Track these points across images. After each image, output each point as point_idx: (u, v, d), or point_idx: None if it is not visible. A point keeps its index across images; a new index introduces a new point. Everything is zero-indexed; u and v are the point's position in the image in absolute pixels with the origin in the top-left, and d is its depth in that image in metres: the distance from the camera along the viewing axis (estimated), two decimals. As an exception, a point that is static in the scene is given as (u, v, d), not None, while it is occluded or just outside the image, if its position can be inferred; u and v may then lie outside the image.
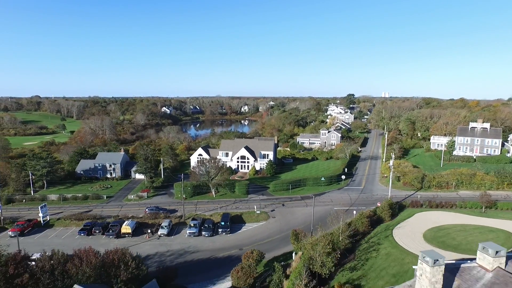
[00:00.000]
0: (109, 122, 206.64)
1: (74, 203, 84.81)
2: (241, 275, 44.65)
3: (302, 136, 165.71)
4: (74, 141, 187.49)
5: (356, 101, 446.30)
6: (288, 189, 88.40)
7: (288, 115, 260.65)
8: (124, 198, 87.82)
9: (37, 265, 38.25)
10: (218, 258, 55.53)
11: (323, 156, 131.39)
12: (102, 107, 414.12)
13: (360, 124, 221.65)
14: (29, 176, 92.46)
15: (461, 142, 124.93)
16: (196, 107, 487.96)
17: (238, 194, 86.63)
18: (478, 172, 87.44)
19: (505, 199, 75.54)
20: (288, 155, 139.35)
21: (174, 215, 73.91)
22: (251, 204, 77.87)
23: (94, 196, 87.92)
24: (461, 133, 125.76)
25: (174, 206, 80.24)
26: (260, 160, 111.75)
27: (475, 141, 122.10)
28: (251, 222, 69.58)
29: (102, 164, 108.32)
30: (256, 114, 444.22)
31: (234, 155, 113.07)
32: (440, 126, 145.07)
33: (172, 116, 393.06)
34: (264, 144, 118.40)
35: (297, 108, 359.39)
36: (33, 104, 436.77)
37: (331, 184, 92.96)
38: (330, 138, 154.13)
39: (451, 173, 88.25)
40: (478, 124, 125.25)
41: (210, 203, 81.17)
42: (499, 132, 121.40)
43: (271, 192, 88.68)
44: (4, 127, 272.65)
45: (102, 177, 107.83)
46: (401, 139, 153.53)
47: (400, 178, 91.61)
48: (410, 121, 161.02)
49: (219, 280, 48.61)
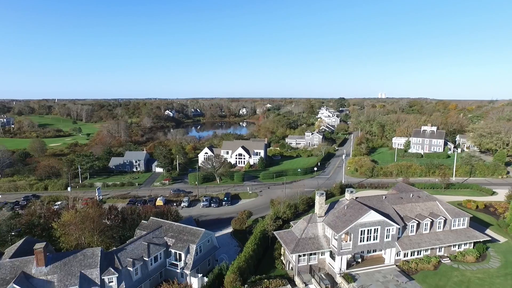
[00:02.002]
0: (124, 125, 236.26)
1: (114, 188, 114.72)
2: (237, 223, 74.94)
3: (290, 138, 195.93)
4: (94, 143, 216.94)
5: (347, 104, 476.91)
6: (273, 177, 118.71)
7: (281, 119, 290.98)
8: (151, 185, 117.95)
9: (122, 211, 68.35)
10: (223, 218, 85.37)
11: (305, 154, 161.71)
12: (109, 111, 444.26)
13: (344, 126, 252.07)
14: (78, 169, 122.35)
15: (415, 142, 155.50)
16: (197, 110, 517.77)
17: (236, 181, 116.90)
18: (414, 164, 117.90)
19: (426, 182, 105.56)
20: (278, 153, 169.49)
21: (191, 194, 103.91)
22: (246, 187, 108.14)
23: (128, 184, 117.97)
24: (415, 134, 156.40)
25: (189, 189, 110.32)
26: (253, 156, 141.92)
27: (425, 141, 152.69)
28: (245, 199, 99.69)
29: (130, 160, 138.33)
30: (254, 116, 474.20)
31: (233, 153, 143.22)
32: (403, 129, 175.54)
33: (175, 119, 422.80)
34: (257, 144, 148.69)
35: (290, 111, 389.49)
36: (44, 108, 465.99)
37: (306, 174, 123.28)
38: (313, 139, 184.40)
39: (394, 165, 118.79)
40: (428, 127, 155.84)
41: (216, 187, 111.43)
42: (443, 134, 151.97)
43: (261, 179, 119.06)
44: (26, 130, 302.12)
45: (129, 171, 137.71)
46: (372, 140, 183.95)
47: (358, 169, 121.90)
48: (380, 125, 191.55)
49: (224, 228, 78.46)
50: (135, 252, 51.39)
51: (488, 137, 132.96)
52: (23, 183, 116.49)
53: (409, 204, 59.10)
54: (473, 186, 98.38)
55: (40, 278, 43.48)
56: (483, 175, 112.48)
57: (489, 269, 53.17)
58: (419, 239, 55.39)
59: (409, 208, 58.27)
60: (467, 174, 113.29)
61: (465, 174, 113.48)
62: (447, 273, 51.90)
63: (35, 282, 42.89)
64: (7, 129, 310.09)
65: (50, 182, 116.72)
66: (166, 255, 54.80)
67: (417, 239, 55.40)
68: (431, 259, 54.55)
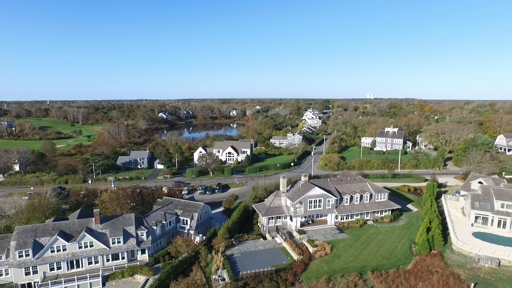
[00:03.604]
0: (124, 128, 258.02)
1: (124, 181, 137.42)
2: (227, 203, 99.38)
3: (274, 138, 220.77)
4: (97, 144, 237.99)
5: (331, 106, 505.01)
6: (257, 171, 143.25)
7: (269, 120, 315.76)
8: (155, 178, 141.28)
9: (141, 193, 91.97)
10: (216, 202, 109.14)
11: (286, 152, 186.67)
12: (104, 114, 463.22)
13: (324, 127, 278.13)
14: (92, 166, 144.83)
15: (379, 141, 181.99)
16: (189, 112, 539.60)
17: (226, 174, 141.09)
18: (372, 159, 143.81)
19: (378, 173, 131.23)
20: (263, 152, 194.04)
21: (189, 185, 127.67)
22: (234, 179, 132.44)
23: (136, 178, 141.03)
24: (379, 135, 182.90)
25: (188, 181, 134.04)
26: (241, 154, 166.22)
27: (388, 140, 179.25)
28: (233, 187, 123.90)
29: (135, 158, 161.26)
30: (244, 118, 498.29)
31: (223, 152, 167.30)
32: (371, 130, 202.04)
33: (168, 121, 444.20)
34: (244, 144, 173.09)
35: (278, 113, 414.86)
36: (41, 111, 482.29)
37: (285, 168, 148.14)
38: (294, 139, 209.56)
39: (357, 160, 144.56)
40: (390, 128, 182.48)
41: (209, 179, 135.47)
42: (402, 134, 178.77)
43: (247, 173, 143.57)
44: (28, 132, 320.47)
45: (134, 168, 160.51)
46: (346, 139, 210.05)
47: (327, 164, 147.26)
48: (353, 126, 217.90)
49: (217, 208, 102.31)
50: (156, 218, 75.27)
51: (435, 136, 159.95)
52: (46, 178, 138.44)
53: (346, 184, 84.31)
54: (413, 175, 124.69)
55: (97, 231, 67.19)
56: (426, 167, 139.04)
57: (396, 226, 78.71)
58: (351, 207, 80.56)
59: (346, 187, 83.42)
60: (414, 167, 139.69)
61: (412, 167, 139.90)
62: (367, 228, 77.16)
63: (95, 233, 66.56)
64: (9, 131, 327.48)
65: (69, 177, 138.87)
66: (177, 221, 78.76)
67: (350, 207, 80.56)
68: (359, 221, 79.73)
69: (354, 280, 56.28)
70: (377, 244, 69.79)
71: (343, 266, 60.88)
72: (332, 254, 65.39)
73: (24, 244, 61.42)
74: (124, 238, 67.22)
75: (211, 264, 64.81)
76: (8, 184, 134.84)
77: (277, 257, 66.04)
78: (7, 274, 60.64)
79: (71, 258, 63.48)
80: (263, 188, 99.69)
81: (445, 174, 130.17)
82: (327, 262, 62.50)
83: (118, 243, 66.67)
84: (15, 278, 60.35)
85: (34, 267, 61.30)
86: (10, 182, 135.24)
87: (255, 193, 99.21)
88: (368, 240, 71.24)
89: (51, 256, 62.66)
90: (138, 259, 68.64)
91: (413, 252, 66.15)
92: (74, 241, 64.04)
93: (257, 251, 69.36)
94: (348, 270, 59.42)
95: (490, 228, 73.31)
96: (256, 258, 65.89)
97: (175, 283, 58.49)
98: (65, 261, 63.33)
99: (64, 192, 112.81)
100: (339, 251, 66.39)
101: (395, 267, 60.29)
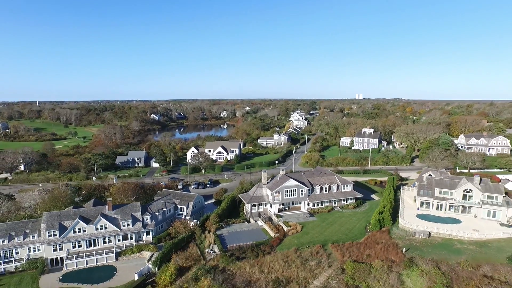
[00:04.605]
0: (119, 130, 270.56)
1: (124, 178, 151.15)
2: (217, 196, 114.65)
3: (261, 138, 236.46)
4: (94, 145, 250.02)
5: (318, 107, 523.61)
6: (244, 168, 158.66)
7: (257, 122, 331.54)
8: (152, 175, 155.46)
9: (143, 186, 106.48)
10: (208, 195, 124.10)
11: (272, 151, 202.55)
12: (97, 115, 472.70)
13: (309, 128, 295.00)
14: (94, 165, 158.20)
15: (357, 141, 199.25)
16: (180, 113, 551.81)
17: (217, 171, 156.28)
18: (348, 157, 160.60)
19: (351, 169, 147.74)
20: (250, 151, 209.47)
21: (184, 181, 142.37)
22: (224, 175, 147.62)
23: (134, 175, 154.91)
24: (357, 135, 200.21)
25: (182, 178, 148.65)
26: (230, 153, 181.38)
27: (364, 140, 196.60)
28: (223, 183, 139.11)
29: (132, 158, 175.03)
30: (234, 118, 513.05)
31: (214, 151, 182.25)
32: (351, 130, 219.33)
33: (160, 122, 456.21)
34: (233, 144, 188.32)
35: (266, 114, 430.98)
36: (34, 113, 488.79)
37: (270, 166, 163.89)
38: (280, 139, 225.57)
39: (334, 158, 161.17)
40: (367, 129, 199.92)
41: (201, 176, 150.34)
42: (378, 134, 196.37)
43: (235, 170, 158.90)
44: (23, 134, 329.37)
45: (132, 166, 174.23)
46: (328, 139, 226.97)
47: (308, 162, 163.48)
48: (335, 127, 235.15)
49: (209, 200, 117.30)
50: (158, 206, 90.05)
51: (405, 136, 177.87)
52: (52, 176, 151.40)
53: (318, 177, 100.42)
54: (381, 171, 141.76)
55: (110, 216, 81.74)
56: (395, 164, 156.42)
57: (358, 211, 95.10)
58: (321, 196, 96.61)
59: (317, 179, 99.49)
60: (384, 163, 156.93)
61: (383, 163, 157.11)
62: (334, 213, 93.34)
63: (108, 217, 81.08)
64: (4, 133, 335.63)
65: (73, 175, 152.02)
66: (175, 208, 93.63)
67: (320, 196, 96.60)
68: (328, 207, 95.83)
69: (317, 249, 72.19)
70: (340, 224, 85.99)
71: (310, 240, 76.78)
72: (302, 232, 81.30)
73: (52, 226, 75.73)
74: (132, 222, 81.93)
75: (204, 242, 79.99)
76: (16, 181, 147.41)
77: (258, 235, 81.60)
78: (39, 250, 74.85)
79: (89, 238, 77.96)
80: (249, 182, 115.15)
81: (410, 170, 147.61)
82: (298, 238, 78.35)
83: (127, 225, 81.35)
84: (45, 253, 74.54)
85: (60, 245, 75.60)
86: (19, 180, 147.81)
87: (241, 186, 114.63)
88: (333, 222, 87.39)
89: (73, 236, 77.04)
90: (144, 239, 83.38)
91: (367, 230, 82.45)
92: (92, 224, 78.53)
93: (242, 231, 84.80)
94: (314, 243, 75.31)
95: (431, 211, 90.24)
96: (241, 236, 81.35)
97: (176, 255, 73.48)
98: (85, 240, 77.74)
99: (71, 188, 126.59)
100: (308, 230, 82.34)
101: (351, 240, 76.45)
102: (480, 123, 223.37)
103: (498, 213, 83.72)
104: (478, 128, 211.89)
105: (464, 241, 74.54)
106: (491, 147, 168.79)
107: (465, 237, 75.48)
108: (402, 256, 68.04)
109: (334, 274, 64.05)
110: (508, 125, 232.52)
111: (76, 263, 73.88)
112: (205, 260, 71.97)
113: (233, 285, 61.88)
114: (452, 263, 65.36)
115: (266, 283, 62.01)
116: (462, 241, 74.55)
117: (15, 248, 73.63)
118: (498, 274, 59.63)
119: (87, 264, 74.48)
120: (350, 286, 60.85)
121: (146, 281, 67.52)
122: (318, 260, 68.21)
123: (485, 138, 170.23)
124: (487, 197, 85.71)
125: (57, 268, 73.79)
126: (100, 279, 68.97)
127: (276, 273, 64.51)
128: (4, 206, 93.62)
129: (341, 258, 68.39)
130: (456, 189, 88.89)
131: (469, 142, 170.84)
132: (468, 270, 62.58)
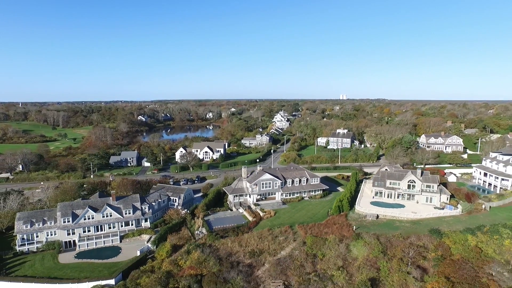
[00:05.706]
0: (109, 131, 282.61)
1: (118, 176, 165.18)
2: (204, 189, 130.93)
3: (245, 139, 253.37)
4: (85, 146, 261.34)
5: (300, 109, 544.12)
6: (228, 166, 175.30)
7: (242, 123, 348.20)
8: (145, 173, 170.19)
9: (139, 182, 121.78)
10: (195, 189, 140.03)
11: (254, 151, 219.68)
12: (84, 117, 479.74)
13: (290, 129, 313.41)
14: (90, 165, 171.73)
15: (332, 141, 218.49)
16: (167, 114, 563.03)
17: (204, 169, 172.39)
18: (321, 156, 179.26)
19: (324, 166, 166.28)
20: (235, 151, 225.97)
21: (174, 177, 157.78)
22: (210, 173, 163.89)
23: (128, 173, 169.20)
24: (332, 135, 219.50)
25: (172, 175, 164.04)
26: (216, 153, 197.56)
27: (339, 140, 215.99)
28: (209, 179, 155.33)
29: (125, 158, 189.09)
30: (219, 120, 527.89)
31: (201, 151, 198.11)
32: (327, 131, 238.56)
33: (147, 123, 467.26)
34: (218, 144, 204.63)
35: (250, 116, 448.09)
36: (20, 115, 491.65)
37: (251, 164, 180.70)
38: (262, 140, 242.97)
39: (309, 156, 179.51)
40: (341, 130, 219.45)
41: (190, 173, 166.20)
42: (350, 135, 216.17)
43: (220, 168, 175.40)
44: (12, 136, 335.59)
45: (125, 166, 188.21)
46: (307, 139, 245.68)
47: (286, 160, 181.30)
48: (313, 128, 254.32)
49: (196, 194, 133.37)
50: (154, 197, 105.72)
51: (374, 136, 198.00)
52: (50, 175, 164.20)
53: (290, 172, 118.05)
54: (350, 167, 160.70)
55: (114, 205, 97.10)
56: (363, 161, 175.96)
57: (324, 200, 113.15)
58: (293, 188, 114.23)
59: (289, 174, 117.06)
60: (354, 161, 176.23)
61: (352, 161, 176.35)
62: (303, 202, 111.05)
63: (113, 207, 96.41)
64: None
65: (70, 174, 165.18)
66: (168, 200, 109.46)
67: (292, 188, 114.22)
68: (298, 197, 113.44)
69: (286, 229, 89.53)
70: (307, 210, 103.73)
71: (280, 223, 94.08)
72: (275, 216, 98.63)
73: (66, 214, 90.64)
74: (133, 211, 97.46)
75: (194, 225, 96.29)
76: (18, 180, 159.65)
77: (239, 220, 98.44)
78: (55, 234, 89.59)
79: (97, 224, 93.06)
80: (232, 178, 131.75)
81: (376, 166, 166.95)
82: (271, 221, 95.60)
83: (129, 213, 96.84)
84: (61, 236, 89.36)
85: (73, 229, 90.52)
86: (20, 179, 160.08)
87: (226, 181, 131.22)
88: (301, 209, 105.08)
89: (83, 222, 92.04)
90: (143, 225, 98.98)
91: (329, 214, 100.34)
92: (99, 212, 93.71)
93: (225, 217, 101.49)
94: (283, 224, 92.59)
95: (383, 199, 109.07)
96: (224, 221, 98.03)
97: (171, 235, 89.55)
98: (93, 226, 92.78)
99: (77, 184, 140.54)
100: (280, 215, 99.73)
101: (314, 222, 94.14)
102: (442, 124, 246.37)
103: (434, 199, 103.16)
104: (440, 128, 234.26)
105: (403, 221, 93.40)
106: (447, 145, 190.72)
107: (404, 218, 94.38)
108: (352, 232, 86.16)
109: (297, 246, 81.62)
110: (468, 125, 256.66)
111: (87, 244, 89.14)
112: (195, 239, 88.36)
113: (218, 256, 78.61)
114: (389, 236, 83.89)
115: (244, 254, 79.03)
116: (402, 221, 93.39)
117: (36, 232, 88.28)
118: (420, 241, 78.42)
119: (96, 245, 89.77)
120: (309, 254, 78.53)
121: (147, 256, 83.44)
122: (285, 236, 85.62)
123: (442, 138, 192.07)
124: (426, 186, 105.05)
125: (70, 249, 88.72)
126: (108, 256, 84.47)
127: (252, 246, 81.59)
128: (17, 200, 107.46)
129: (304, 235, 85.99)
130: (402, 180, 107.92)
131: (429, 141, 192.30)
132: (399, 240, 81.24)
